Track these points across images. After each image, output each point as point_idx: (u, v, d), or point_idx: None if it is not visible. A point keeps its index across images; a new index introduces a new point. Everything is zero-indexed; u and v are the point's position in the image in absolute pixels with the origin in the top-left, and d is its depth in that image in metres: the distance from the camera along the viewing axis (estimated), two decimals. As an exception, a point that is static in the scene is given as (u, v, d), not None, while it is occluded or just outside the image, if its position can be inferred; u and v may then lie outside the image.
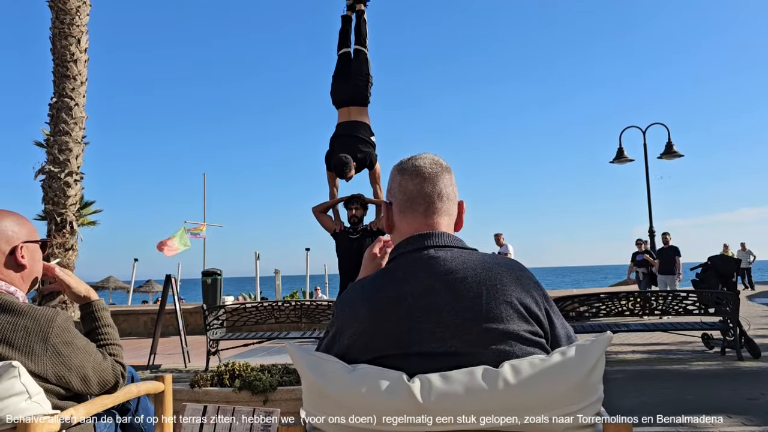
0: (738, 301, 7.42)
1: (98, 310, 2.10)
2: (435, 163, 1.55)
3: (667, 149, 17.15)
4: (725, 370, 6.78)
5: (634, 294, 7.95)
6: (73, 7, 9.79)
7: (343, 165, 5.65)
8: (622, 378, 6.46)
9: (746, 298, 17.11)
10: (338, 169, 5.70)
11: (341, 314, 1.45)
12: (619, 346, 8.68)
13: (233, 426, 3.00)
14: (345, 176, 5.76)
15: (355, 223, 5.84)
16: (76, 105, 9.64)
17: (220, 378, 4.43)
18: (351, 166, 5.69)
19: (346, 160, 5.65)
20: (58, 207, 9.31)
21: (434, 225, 1.50)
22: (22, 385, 1.66)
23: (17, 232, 1.96)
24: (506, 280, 1.38)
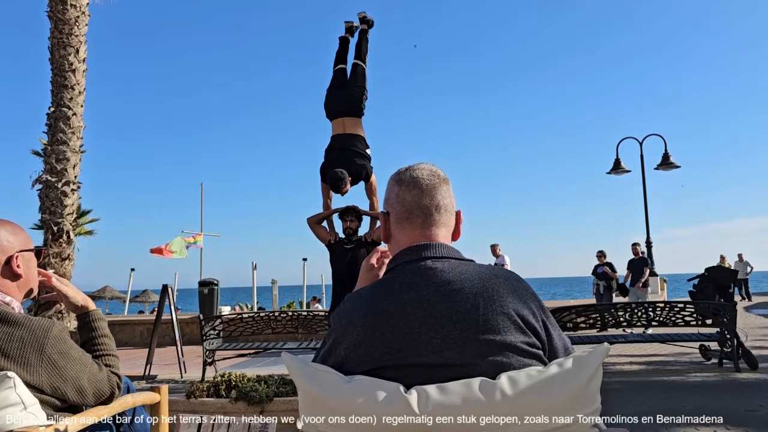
0: (735, 312, 7.43)
1: (95, 320, 2.09)
2: (433, 174, 1.55)
3: (663, 160, 17.25)
4: (723, 382, 6.78)
5: (632, 305, 7.95)
6: (72, 18, 9.83)
7: (339, 180, 5.66)
8: (620, 389, 6.44)
9: (743, 309, 17.13)
10: (334, 184, 5.71)
11: (338, 325, 1.44)
12: (616, 357, 8.67)
13: (231, 424, 2.98)
14: (341, 191, 5.77)
15: (350, 234, 5.85)
16: (74, 114, 9.65)
17: (217, 388, 4.41)
18: (346, 181, 5.70)
19: (342, 175, 5.66)
20: (55, 216, 9.29)
21: (432, 236, 1.51)
22: (18, 396, 1.65)
23: (12, 241, 1.96)
24: (503, 291, 1.38)
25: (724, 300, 7.84)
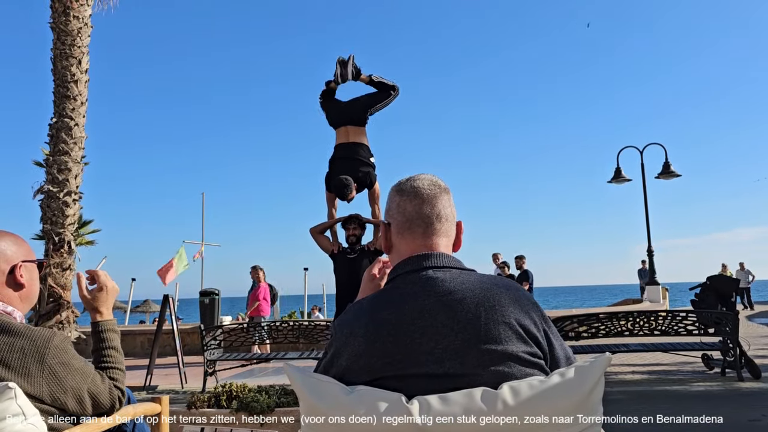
0: (738, 321, 7.40)
1: (105, 330, 2.09)
2: (433, 184, 1.56)
3: (664, 169, 17.29)
4: (726, 391, 6.74)
5: (634, 314, 7.93)
6: (75, 29, 9.86)
7: (344, 187, 5.65)
8: (622, 399, 6.41)
9: (746, 318, 17.08)
10: (339, 191, 5.69)
11: (339, 335, 1.44)
12: (618, 366, 8.64)
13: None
14: (346, 198, 5.75)
15: (353, 243, 5.82)
16: (76, 125, 9.67)
17: (218, 399, 4.39)
18: (352, 188, 5.68)
19: (347, 182, 5.64)
20: (56, 226, 9.29)
21: (433, 246, 1.51)
22: (18, 407, 1.65)
23: (16, 251, 1.97)
24: (505, 301, 1.38)
25: (727, 309, 7.81)
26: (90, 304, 2.12)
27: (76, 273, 2.17)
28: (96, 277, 2.13)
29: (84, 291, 2.13)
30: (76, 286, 2.15)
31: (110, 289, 2.14)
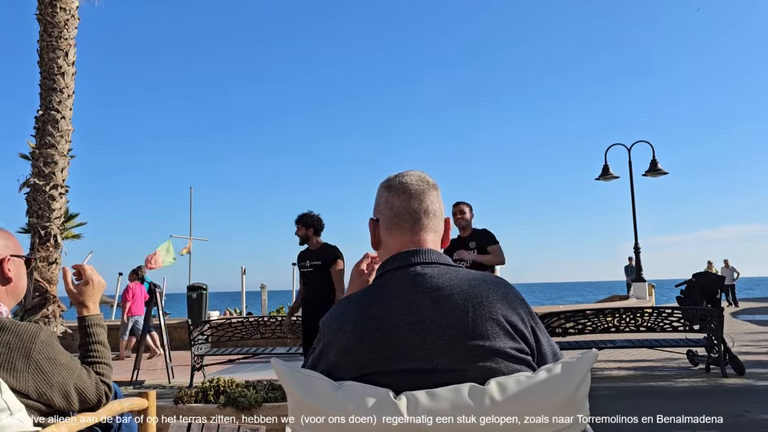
0: (722, 318, 7.48)
1: (92, 325, 2.08)
2: (421, 180, 1.57)
3: (651, 167, 17.43)
4: (710, 387, 6.82)
5: (620, 310, 7.99)
6: (62, 21, 9.77)
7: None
8: (609, 394, 6.47)
9: (730, 314, 17.26)
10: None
11: (328, 330, 1.44)
12: (604, 362, 8.71)
13: (221, 426, 2.97)
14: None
15: (302, 243, 6.15)
16: (63, 118, 9.58)
17: (205, 394, 4.39)
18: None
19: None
20: (42, 220, 9.22)
21: (421, 242, 1.51)
22: (4, 402, 1.64)
23: (4, 245, 1.96)
24: (492, 297, 1.38)
25: (712, 306, 7.88)
26: (76, 299, 2.10)
27: (62, 267, 2.16)
28: (82, 272, 2.12)
29: (70, 285, 2.11)
30: (62, 281, 2.14)
31: (96, 284, 2.12)
